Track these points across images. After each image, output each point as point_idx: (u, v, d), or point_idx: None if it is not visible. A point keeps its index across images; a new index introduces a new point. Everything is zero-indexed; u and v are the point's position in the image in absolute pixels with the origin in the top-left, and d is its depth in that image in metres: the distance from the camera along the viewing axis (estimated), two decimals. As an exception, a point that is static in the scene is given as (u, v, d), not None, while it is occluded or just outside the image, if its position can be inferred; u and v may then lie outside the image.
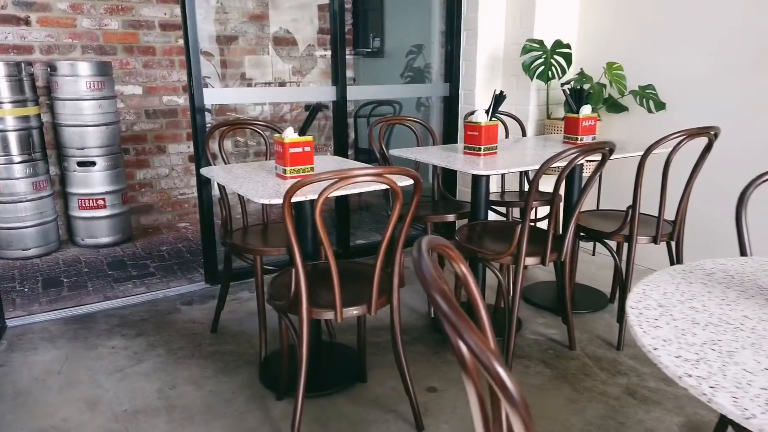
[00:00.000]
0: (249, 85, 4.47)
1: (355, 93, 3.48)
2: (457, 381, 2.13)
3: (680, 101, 2.98)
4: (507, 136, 3.24)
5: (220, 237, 2.44)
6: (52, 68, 3.61)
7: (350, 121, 4.73)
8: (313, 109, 1.99)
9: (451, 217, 2.66)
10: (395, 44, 4.73)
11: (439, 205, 2.92)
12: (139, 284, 3.15)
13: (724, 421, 1.40)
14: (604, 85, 3.17)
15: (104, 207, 3.82)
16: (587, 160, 2.52)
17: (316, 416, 1.95)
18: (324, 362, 2.29)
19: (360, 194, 4.83)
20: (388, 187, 1.60)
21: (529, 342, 2.46)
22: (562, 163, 1.96)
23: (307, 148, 1.94)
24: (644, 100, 3.00)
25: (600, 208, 3.25)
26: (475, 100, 3.56)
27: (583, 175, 2.88)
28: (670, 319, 0.89)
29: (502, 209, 3.00)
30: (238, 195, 2.30)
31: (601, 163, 2.02)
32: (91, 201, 3.80)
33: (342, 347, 2.41)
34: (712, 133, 2.20)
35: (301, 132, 1.95)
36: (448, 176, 3.67)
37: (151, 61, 4.12)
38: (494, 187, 3.43)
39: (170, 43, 4.15)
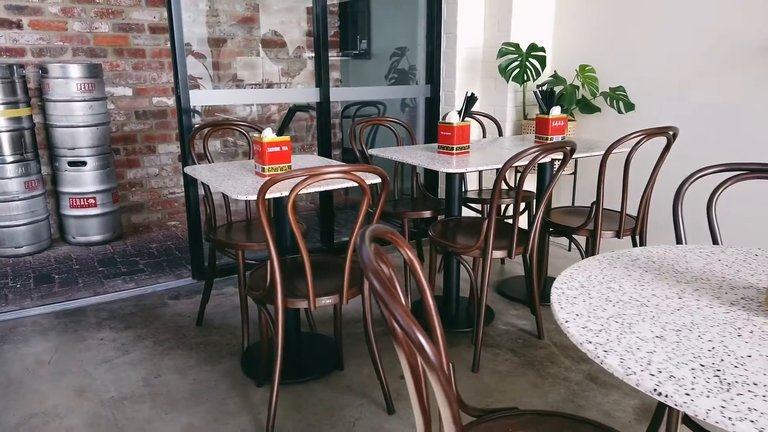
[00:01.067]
0: (239, 86, 4.58)
1: (338, 94, 3.59)
2: (429, 368, 2.23)
3: (649, 102, 3.10)
4: (484, 136, 3.36)
5: (204, 233, 2.54)
6: (43, 70, 3.70)
7: (337, 121, 4.84)
8: (290, 111, 2.10)
9: (427, 214, 2.77)
10: (381, 47, 4.84)
11: (418, 202, 3.03)
12: (128, 280, 3.25)
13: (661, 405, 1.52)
14: (578, 87, 3.29)
15: (95, 206, 3.91)
16: (554, 159, 2.63)
17: (293, 401, 2.06)
18: (303, 352, 2.40)
19: (346, 193, 4.95)
20: (356, 184, 1.71)
21: (500, 332, 2.57)
22: (537, 161, 2.07)
23: (285, 148, 2.05)
24: (614, 101, 3.12)
25: (576, 205, 3.37)
26: (455, 102, 3.67)
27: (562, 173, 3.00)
28: (587, 297, 1.00)
29: (478, 206, 3.11)
30: (222, 193, 2.41)
31: (563, 162, 2.14)
32: (82, 200, 3.89)
33: (321, 338, 2.52)
34: (671, 133, 2.32)
35: (279, 132, 2.05)
36: (431, 175, 3.78)
37: (140, 63, 4.22)
38: (474, 185, 3.55)
39: (159, 46, 4.25)
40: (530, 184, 3.05)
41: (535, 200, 3.03)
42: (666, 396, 0.71)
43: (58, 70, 3.67)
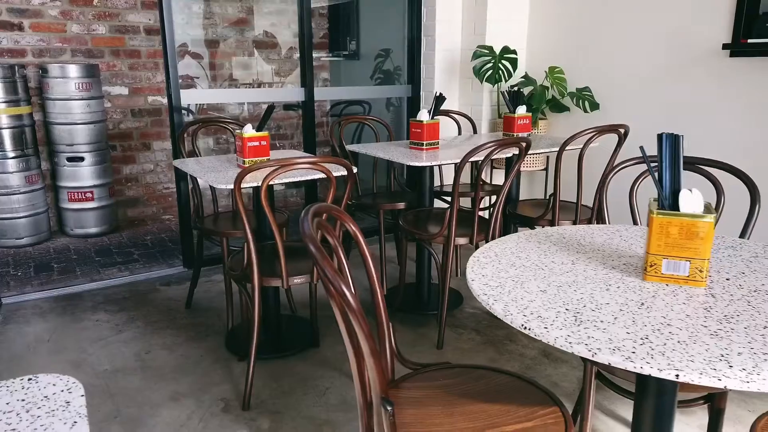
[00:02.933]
0: (234, 86, 4.77)
1: (323, 94, 3.79)
2: (399, 345, 2.43)
3: (614, 101, 3.30)
4: (460, 134, 3.56)
5: (192, 222, 2.74)
6: (43, 70, 3.90)
7: (325, 120, 5.04)
8: (268, 109, 2.30)
9: (401, 205, 2.97)
10: (369, 48, 5.04)
11: (395, 195, 3.23)
12: (123, 269, 3.45)
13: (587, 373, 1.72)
14: (547, 88, 3.49)
15: (92, 199, 4.11)
16: (512, 154, 2.83)
17: (271, 374, 2.26)
18: (283, 331, 2.60)
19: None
20: (324, 175, 1.91)
21: (467, 315, 2.77)
22: (492, 156, 2.27)
23: (264, 142, 2.25)
24: (580, 101, 3.32)
25: (546, 198, 3.57)
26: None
27: (535, 169, 3.20)
28: (497, 263, 1.20)
29: (449, 198, 3.31)
30: (210, 186, 2.61)
31: (519, 157, 2.34)
32: (79, 194, 4.09)
33: (299, 319, 2.72)
34: (621, 130, 2.52)
35: (258, 128, 2.25)
36: (413, 170, 3.98)
37: (136, 64, 4.42)
38: (451, 179, 3.75)
39: (154, 47, 4.44)
40: (499, 179, 3.25)
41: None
42: (528, 329, 0.91)
43: (57, 70, 3.87)
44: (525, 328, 0.92)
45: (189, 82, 4.69)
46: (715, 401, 1.47)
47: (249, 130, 2.23)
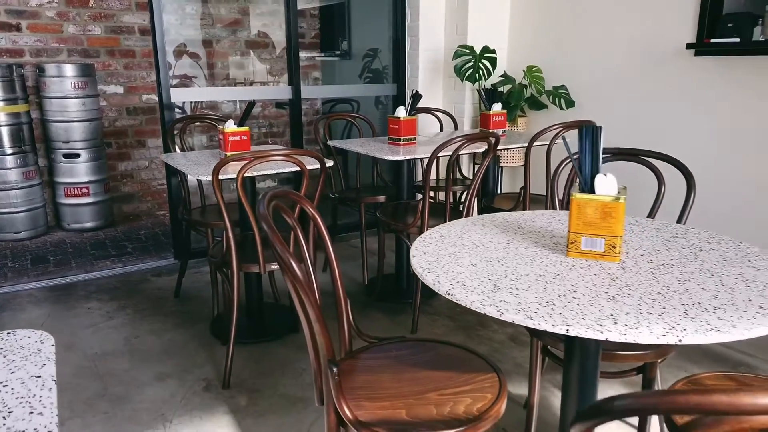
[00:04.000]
0: (231, 85, 4.90)
1: (309, 92, 3.91)
2: (376, 331, 2.56)
3: (589, 99, 3.42)
4: (442, 130, 3.68)
5: (180, 213, 2.87)
6: (40, 70, 4.03)
7: (318, 118, 5.16)
8: (248, 105, 2.42)
9: (381, 198, 3.10)
10: (359, 48, 5.16)
11: (378, 189, 3.35)
12: (116, 261, 3.58)
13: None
14: (526, 86, 3.61)
15: (88, 195, 4.25)
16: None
17: (252, 356, 2.39)
18: (265, 317, 2.72)
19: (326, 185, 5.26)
20: (298, 168, 2.03)
21: (442, 302, 2.90)
22: (460, 150, 2.40)
23: (244, 137, 2.38)
24: (557, 98, 3.44)
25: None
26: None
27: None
28: (440, 242, 1.33)
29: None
30: (197, 180, 2.73)
31: (488, 151, 2.46)
32: (75, 189, 4.22)
33: (281, 307, 2.85)
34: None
35: (239, 124, 2.38)
36: (393, 165, 4.09)
37: (131, 63, 4.55)
38: (434, 174, 3.87)
39: (149, 47, 4.57)
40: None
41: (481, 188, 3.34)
42: (450, 294, 1.03)
43: (54, 69, 4.00)
44: (449, 294, 1.04)
45: (185, 81, 4.82)
46: (646, 372, 1.59)
47: (231, 126, 2.35)
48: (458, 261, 1.20)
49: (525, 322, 0.93)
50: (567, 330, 0.90)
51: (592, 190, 1.20)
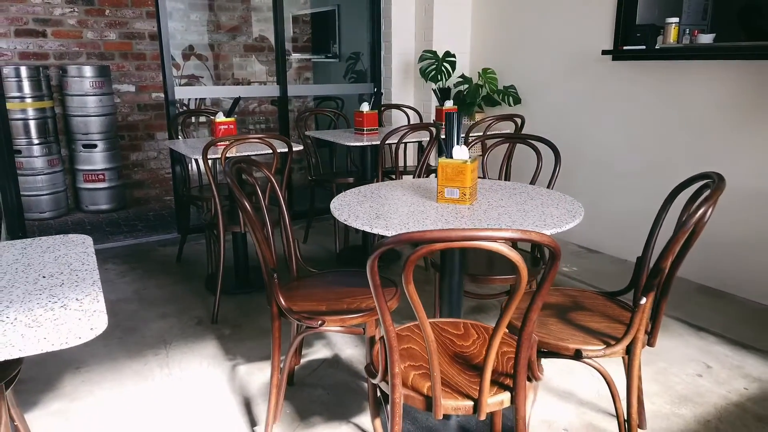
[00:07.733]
0: (230, 84, 5.49)
1: (296, 90, 4.49)
2: (338, 286, 3.12)
3: (534, 97, 3.96)
4: (409, 123, 4.23)
5: (181, 190, 3.45)
6: (63, 71, 4.64)
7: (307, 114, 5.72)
8: (235, 100, 2.99)
9: (350, 180, 3.66)
10: (346, 50, 5.73)
11: (350, 173, 3.92)
12: (128, 236, 4.17)
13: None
14: (482, 85, 4.16)
15: (104, 180, 4.84)
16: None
17: (238, 305, 2.96)
18: (249, 275, 3.30)
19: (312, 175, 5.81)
20: (270, 151, 2.60)
21: (399, 267, 3.45)
22: (404, 139, 2.95)
23: (231, 126, 2.95)
24: (506, 96, 3.99)
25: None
26: (392, 97, 4.55)
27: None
28: (360, 196, 1.89)
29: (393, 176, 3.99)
30: (195, 162, 3.31)
31: (431, 141, 3.01)
32: (93, 176, 4.82)
33: (265, 268, 3.42)
34: (517, 120, 3.19)
35: (228, 115, 2.95)
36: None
37: (142, 65, 5.14)
38: (402, 161, 4.42)
39: (158, 50, 5.16)
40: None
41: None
42: (345, 220, 1.59)
43: (74, 70, 4.60)
44: (345, 221, 1.60)
45: (192, 81, 5.41)
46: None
47: (220, 116, 2.92)
48: (362, 206, 1.76)
49: (364, 227, 1.50)
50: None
51: (451, 156, 1.75)
